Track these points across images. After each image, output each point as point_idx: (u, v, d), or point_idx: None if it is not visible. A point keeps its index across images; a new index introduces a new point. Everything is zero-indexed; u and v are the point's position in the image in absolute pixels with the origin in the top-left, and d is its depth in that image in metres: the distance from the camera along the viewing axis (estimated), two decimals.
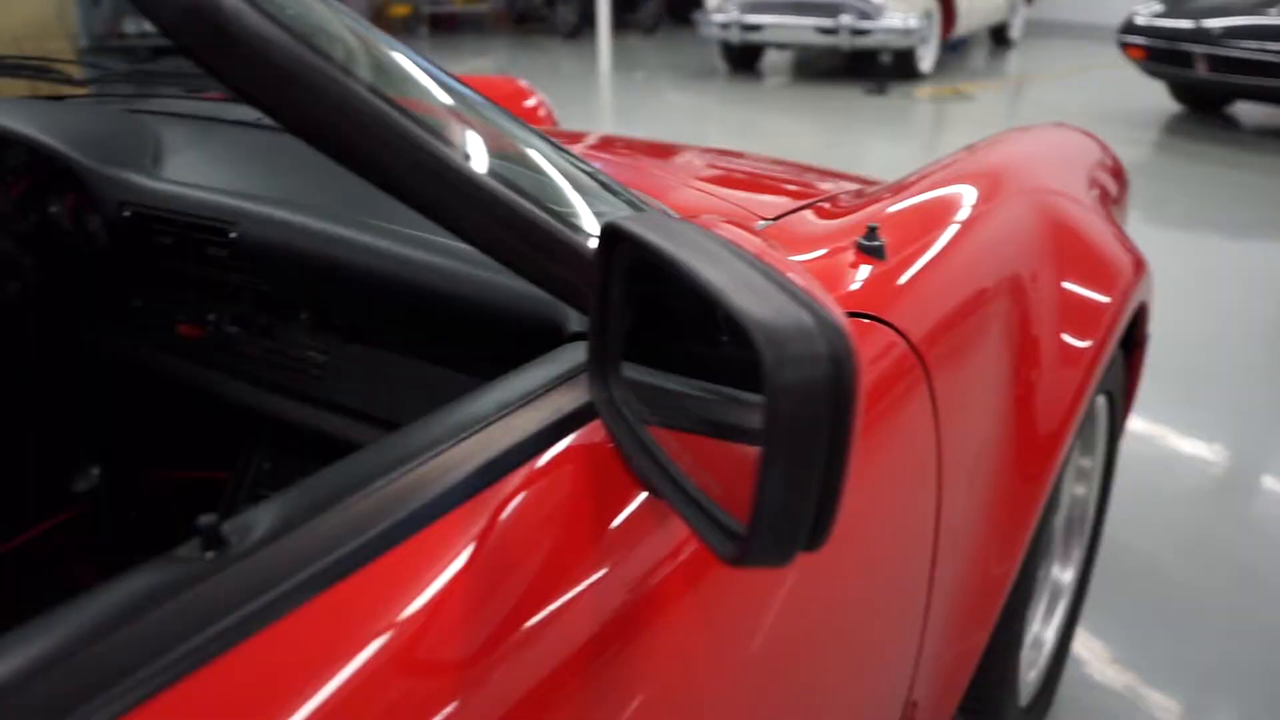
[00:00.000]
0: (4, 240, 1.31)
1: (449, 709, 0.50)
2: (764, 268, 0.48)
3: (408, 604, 0.51)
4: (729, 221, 0.57)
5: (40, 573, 1.68)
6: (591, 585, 0.59)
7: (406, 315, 0.98)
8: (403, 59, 0.65)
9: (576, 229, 0.64)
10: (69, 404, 1.76)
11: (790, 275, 0.47)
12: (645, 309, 0.60)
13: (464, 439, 0.59)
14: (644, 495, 0.63)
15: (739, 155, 1.72)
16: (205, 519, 0.49)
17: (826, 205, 1.15)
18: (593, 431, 0.63)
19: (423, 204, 0.59)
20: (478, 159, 0.60)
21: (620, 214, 0.68)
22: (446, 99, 0.65)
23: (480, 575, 0.55)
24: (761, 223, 1.00)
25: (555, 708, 0.55)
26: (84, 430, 1.76)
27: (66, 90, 1.61)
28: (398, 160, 0.56)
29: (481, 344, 0.94)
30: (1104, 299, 1.26)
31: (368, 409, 1.08)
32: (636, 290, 0.60)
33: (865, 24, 7.92)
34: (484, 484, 0.57)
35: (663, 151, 1.61)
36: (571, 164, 0.74)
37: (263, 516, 0.51)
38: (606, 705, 0.59)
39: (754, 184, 1.40)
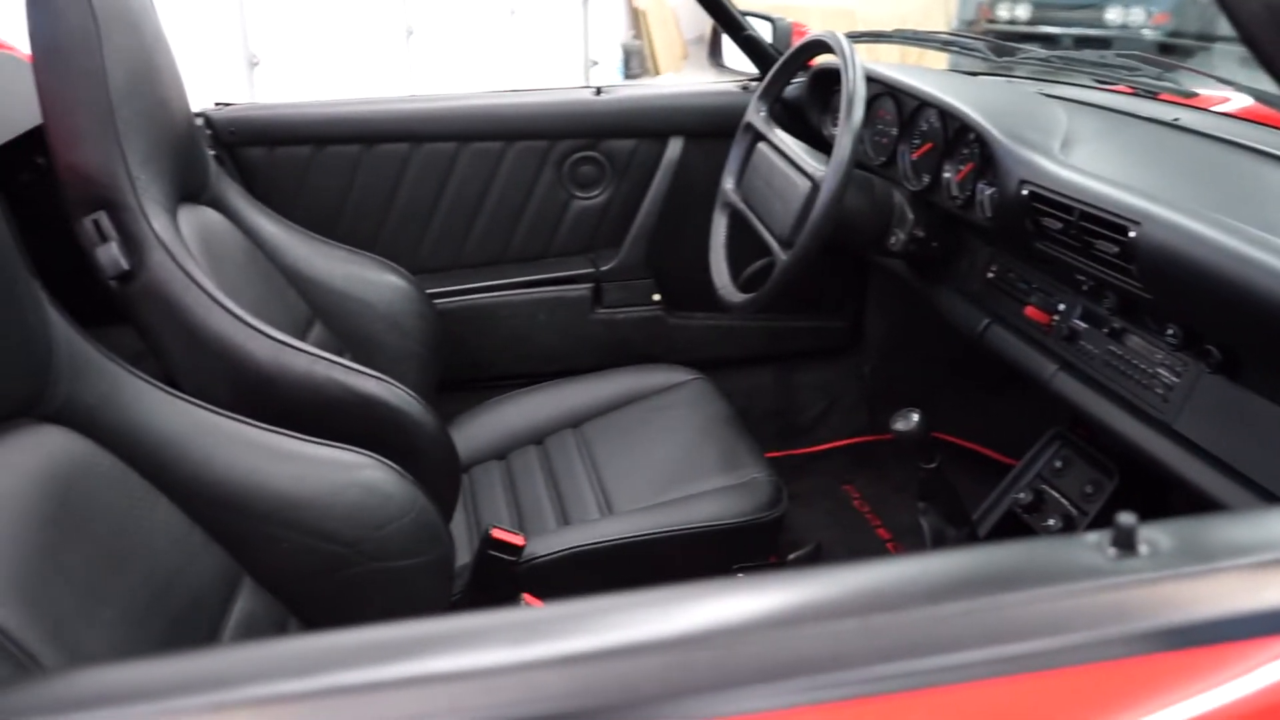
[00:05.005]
0: (900, 194, 1.47)
1: None
2: None
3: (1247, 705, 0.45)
4: None
5: (817, 480, 1.94)
6: None
7: None
8: None
9: None
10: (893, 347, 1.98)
11: None
12: None
13: None
14: None
15: None
16: (1125, 518, 0.48)
17: None
18: None
19: None
20: None
21: None
22: None
23: None
24: None
25: None
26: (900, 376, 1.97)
27: (980, 67, 1.73)
28: None
29: None
30: None
31: (1213, 449, 0.98)
32: None
33: None
34: None
35: None
36: None
37: (1169, 537, 0.49)
38: None
39: None
